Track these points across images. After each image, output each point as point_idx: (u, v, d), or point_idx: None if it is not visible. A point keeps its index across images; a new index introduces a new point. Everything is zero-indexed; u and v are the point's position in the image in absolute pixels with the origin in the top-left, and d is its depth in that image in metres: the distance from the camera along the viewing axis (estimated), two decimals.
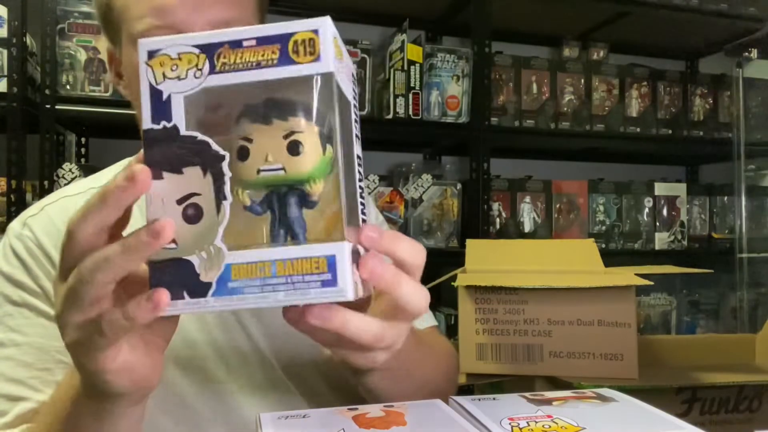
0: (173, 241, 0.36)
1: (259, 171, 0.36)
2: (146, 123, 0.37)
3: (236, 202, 0.36)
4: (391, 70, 1.92)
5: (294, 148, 0.36)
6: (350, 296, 0.36)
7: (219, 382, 0.73)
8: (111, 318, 0.38)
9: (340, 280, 0.36)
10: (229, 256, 0.36)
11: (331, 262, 0.36)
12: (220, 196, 0.36)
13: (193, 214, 0.36)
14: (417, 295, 0.42)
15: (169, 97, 0.37)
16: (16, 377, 0.67)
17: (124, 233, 0.39)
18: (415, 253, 0.42)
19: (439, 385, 0.73)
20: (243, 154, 0.37)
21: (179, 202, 0.36)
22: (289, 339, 0.75)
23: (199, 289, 0.36)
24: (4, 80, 1.60)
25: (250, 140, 0.37)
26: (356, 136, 0.42)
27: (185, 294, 0.36)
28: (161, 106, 0.37)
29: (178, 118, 0.37)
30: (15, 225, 0.75)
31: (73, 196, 0.77)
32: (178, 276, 0.36)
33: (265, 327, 0.76)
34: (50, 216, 0.74)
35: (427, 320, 0.87)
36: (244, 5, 0.71)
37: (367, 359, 0.46)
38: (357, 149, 0.41)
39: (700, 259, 2.40)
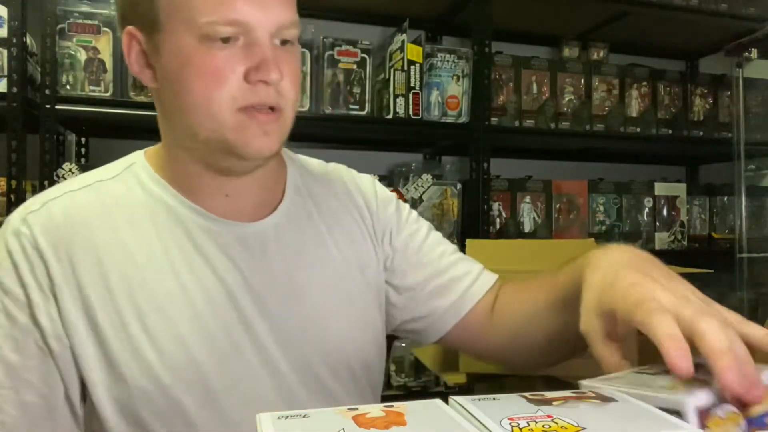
0: None
1: None
2: None
3: None
4: (391, 70, 1.92)
5: None
6: None
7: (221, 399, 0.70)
8: None
9: None
10: None
11: None
12: None
13: None
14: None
15: None
16: None
17: None
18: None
19: None
20: None
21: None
22: (303, 345, 0.74)
23: None
24: (4, 80, 1.59)
25: None
26: None
27: None
28: None
29: None
30: (14, 220, 0.70)
31: (77, 191, 0.72)
32: None
33: (276, 332, 0.73)
34: (51, 213, 0.69)
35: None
36: (294, 7, 0.71)
37: None
38: None
39: (700, 259, 2.39)
